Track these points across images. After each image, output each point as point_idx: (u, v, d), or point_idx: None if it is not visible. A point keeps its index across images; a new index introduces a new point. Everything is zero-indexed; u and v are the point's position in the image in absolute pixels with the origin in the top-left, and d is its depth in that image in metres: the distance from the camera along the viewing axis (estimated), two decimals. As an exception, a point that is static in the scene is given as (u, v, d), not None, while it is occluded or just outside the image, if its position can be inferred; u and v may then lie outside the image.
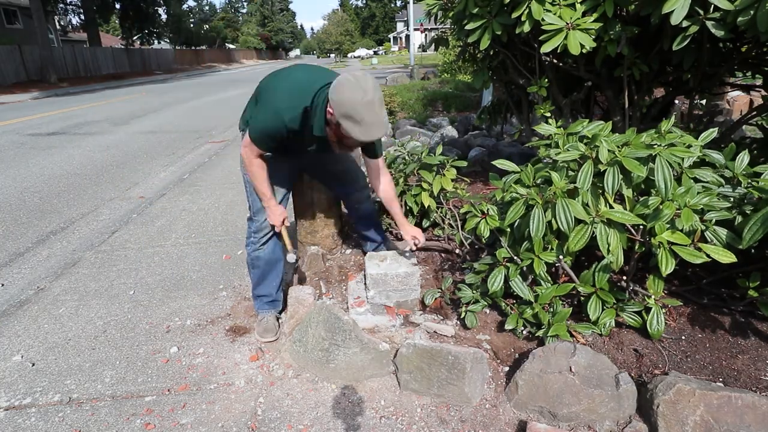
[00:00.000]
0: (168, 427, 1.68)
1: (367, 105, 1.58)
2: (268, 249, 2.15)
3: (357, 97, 1.57)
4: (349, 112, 1.58)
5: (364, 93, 1.57)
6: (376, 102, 1.61)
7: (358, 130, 1.62)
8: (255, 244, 2.14)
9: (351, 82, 1.59)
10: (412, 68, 16.26)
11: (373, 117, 1.60)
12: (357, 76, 1.61)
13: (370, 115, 1.59)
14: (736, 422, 1.38)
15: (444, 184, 2.64)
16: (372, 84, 1.62)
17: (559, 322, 1.78)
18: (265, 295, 2.22)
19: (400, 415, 1.67)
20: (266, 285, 2.21)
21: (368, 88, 1.59)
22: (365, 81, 1.60)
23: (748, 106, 5.64)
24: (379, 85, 1.68)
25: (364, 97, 1.57)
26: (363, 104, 1.57)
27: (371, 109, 1.59)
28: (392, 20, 72.62)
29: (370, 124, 1.61)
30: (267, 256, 2.15)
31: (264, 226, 2.10)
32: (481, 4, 2.44)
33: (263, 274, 2.19)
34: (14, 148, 6.56)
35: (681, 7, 1.74)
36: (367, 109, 1.58)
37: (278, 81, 1.85)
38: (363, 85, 1.58)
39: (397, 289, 2.13)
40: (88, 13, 25.97)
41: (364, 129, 1.61)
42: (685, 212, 1.51)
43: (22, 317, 2.43)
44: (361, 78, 1.61)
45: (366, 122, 1.60)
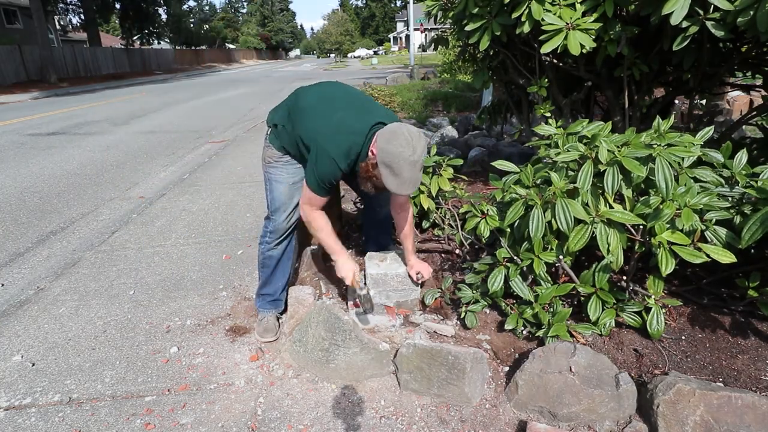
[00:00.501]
0: (168, 427, 1.68)
1: (412, 164, 1.62)
2: (281, 249, 2.15)
3: (406, 153, 1.60)
4: (392, 164, 1.62)
5: (413, 151, 1.61)
6: (420, 162, 1.65)
7: (394, 181, 1.65)
8: (269, 243, 2.13)
9: (404, 137, 1.62)
10: (412, 68, 16.27)
11: (411, 175, 1.65)
12: (412, 133, 1.65)
13: (409, 173, 1.63)
14: (736, 422, 1.38)
15: (441, 184, 2.63)
16: (423, 145, 1.65)
17: (559, 322, 1.78)
18: (270, 294, 2.23)
19: (400, 415, 1.67)
20: (273, 285, 2.22)
21: (418, 147, 1.63)
22: (418, 140, 1.64)
23: (748, 106, 5.64)
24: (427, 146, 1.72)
25: (411, 156, 1.61)
26: (408, 162, 1.61)
27: (413, 168, 1.63)
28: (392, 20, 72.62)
29: (406, 181, 1.65)
30: (279, 255, 2.16)
31: (281, 227, 2.08)
32: (481, 4, 2.44)
33: (272, 274, 2.19)
34: (14, 148, 6.56)
35: (681, 8, 1.74)
36: (410, 167, 1.62)
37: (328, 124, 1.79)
38: (414, 144, 1.62)
39: (397, 289, 2.13)
40: (88, 13, 25.97)
41: (399, 183, 1.65)
42: (686, 212, 1.51)
43: (22, 317, 2.43)
44: (415, 135, 1.64)
45: (403, 178, 1.64)
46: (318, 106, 1.86)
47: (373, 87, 7.76)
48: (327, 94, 1.91)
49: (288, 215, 2.07)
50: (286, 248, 2.18)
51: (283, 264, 2.19)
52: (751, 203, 1.59)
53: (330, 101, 1.87)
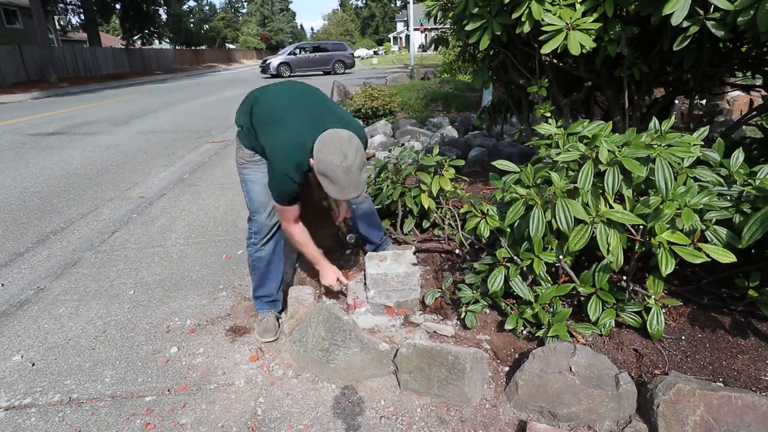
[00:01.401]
0: (168, 427, 1.68)
1: (345, 169, 1.65)
2: (269, 249, 2.13)
3: (336, 161, 1.64)
4: (326, 172, 1.67)
5: (344, 157, 1.65)
6: (355, 167, 1.67)
7: (333, 188, 1.71)
8: (256, 245, 2.12)
9: (334, 145, 1.66)
10: (412, 68, 16.26)
11: (348, 180, 1.68)
12: (342, 139, 1.67)
13: (345, 179, 1.68)
14: (736, 422, 1.38)
15: (443, 184, 2.64)
16: (355, 148, 1.68)
17: (559, 322, 1.78)
18: (266, 295, 2.22)
19: (400, 415, 1.67)
20: (267, 286, 2.20)
21: (350, 152, 1.66)
22: (348, 145, 1.67)
23: (748, 106, 5.64)
24: (362, 147, 1.74)
25: (343, 162, 1.65)
26: (341, 168, 1.65)
27: (348, 173, 1.67)
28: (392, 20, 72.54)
29: (344, 186, 1.70)
30: (268, 256, 2.14)
31: (264, 226, 2.08)
32: (481, 4, 2.44)
33: (264, 275, 2.18)
34: (14, 148, 6.56)
35: (681, 8, 1.74)
36: (344, 172, 1.66)
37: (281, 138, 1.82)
38: (345, 150, 1.65)
39: (397, 289, 2.13)
40: (88, 13, 25.97)
41: (338, 189, 1.71)
42: (686, 212, 1.51)
43: (22, 317, 2.43)
44: (345, 141, 1.67)
45: (341, 184, 1.69)
46: (274, 117, 1.87)
47: (373, 87, 7.73)
48: (286, 102, 1.91)
49: (269, 213, 2.07)
50: (275, 247, 2.16)
51: (274, 263, 2.18)
52: (750, 201, 1.59)
53: (286, 111, 1.87)
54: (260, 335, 2.12)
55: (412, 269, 2.13)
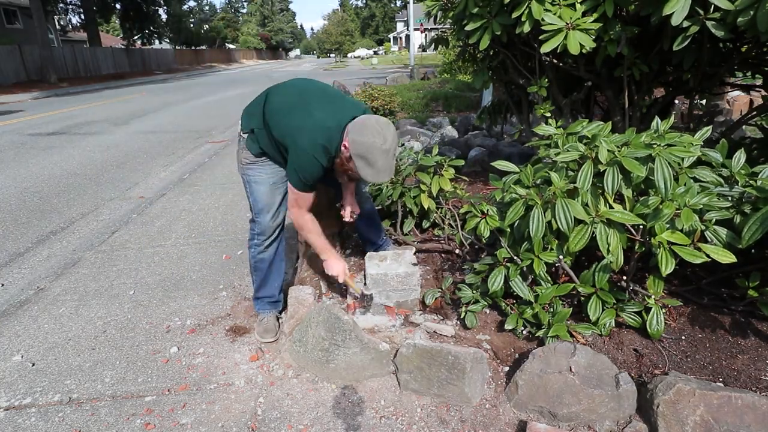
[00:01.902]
0: (168, 427, 1.68)
1: (384, 153, 1.67)
2: (272, 250, 2.13)
3: (377, 143, 1.66)
4: (366, 155, 1.67)
5: (384, 140, 1.66)
6: (392, 151, 1.70)
7: (369, 172, 1.71)
8: (258, 246, 2.11)
9: (374, 128, 1.68)
10: (412, 68, 16.27)
11: (385, 164, 1.70)
12: (381, 123, 1.70)
13: (383, 162, 1.69)
14: (736, 422, 1.38)
15: (442, 184, 2.64)
16: (393, 133, 1.71)
17: (559, 322, 1.78)
18: (268, 296, 2.21)
19: (400, 415, 1.67)
20: (269, 287, 2.20)
21: (389, 136, 1.68)
22: (387, 129, 1.69)
23: (748, 106, 5.64)
24: (397, 135, 1.76)
25: (383, 145, 1.66)
26: (381, 151, 1.66)
27: (386, 157, 1.69)
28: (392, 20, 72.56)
29: (381, 170, 1.71)
30: (270, 257, 2.14)
31: (268, 228, 2.07)
32: (481, 4, 2.44)
33: (267, 276, 2.18)
34: (14, 148, 6.57)
35: (681, 8, 1.74)
36: (383, 156, 1.67)
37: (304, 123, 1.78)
38: (384, 133, 1.67)
39: (397, 289, 2.13)
40: (88, 13, 25.97)
41: (374, 172, 1.71)
42: (685, 212, 1.51)
43: (22, 317, 2.43)
44: (384, 125, 1.70)
45: (378, 167, 1.69)
46: (291, 105, 1.85)
47: (373, 87, 7.74)
48: (298, 92, 1.90)
49: (273, 215, 2.06)
50: (278, 248, 2.16)
51: (276, 265, 2.18)
52: (750, 202, 1.59)
53: (302, 99, 1.86)
54: (260, 335, 2.12)
55: (412, 269, 2.13)
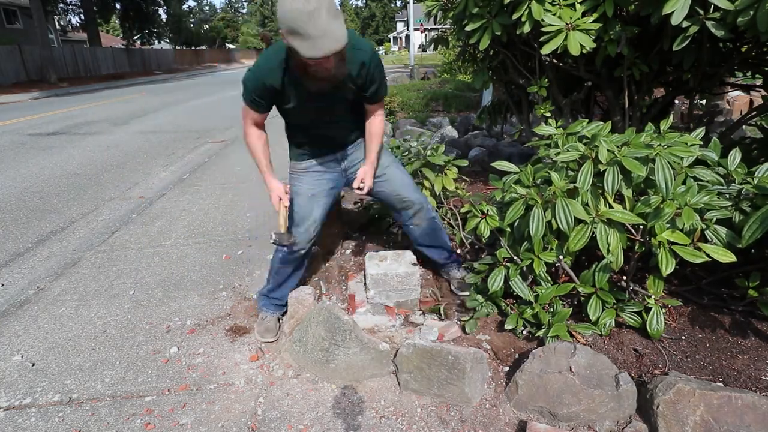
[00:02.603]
0: (168, 427, 1.67)
1: (309, 15, 1.38)
2: (298, 261, 2.14)
3: (297, 6, 1.38)
4: (292, 26, 1.42)
5: (306, 1, 1.38)
6: (323, 11, 1.40)
7: (306, 45, 1.44)
8: (287, 254, 2.09)
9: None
10: (412, 68, 16.26)
11: (318, 29, 1.41)
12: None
13: (314, 27, 1.40)
14: (736, 422, 1.38)
15: (446, 183, 2.64)
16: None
17: (559, 322, 1.78)
18: (278, 298, 2.21)
19: (400, 415, 1.67)
20: (282, 291, 2.20)
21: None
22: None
23: (748, 106, 5.64)
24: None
25: (305, 6, 1.38)
26: (305, 14, 1.38)
27: (316, 20, 1.39)
28: (392, 20, 72.54)
29: (316, 38, 1.42)
30: (294, 265, 2.14)
31: (301, 240, 2.03)
32: (481, 4, 2.44)
33: (284, 281, 2.18)
34: (14, 148, 6.56)
35: (681, 8, 1.74)
36: (310, 19, 1.39)
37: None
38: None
39: (397, 289, 2.13)
40: (88, 13, 25.95)
41: (311, 44, 1.43)
42: (686, 211, 1.51)
43: (22, 317, 2.43)
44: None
45: (311, 35, 1.41)
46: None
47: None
48: None
49: (307, 228, 2.03)
50: (303, 259, 2.15)
51: (296, 273, 2.18)
52: (749, 199, 1.59)
53: None
54: (261, 335, 2.12)
55: (412, 269, 2.13)
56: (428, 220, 2.21)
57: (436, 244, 2.28)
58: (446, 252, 2.31)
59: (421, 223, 2.20)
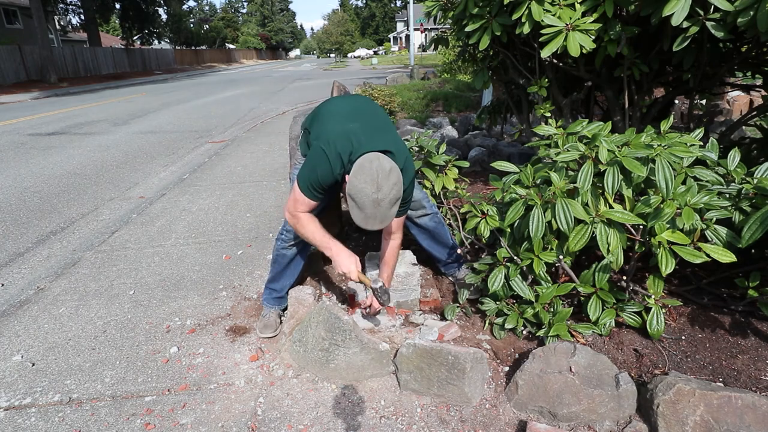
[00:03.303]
0: (168, 427, 1.68)
1: (374, 202, 1.57)
2: (295, 249, 2.17)
3: (368, 191, 1.56)
4: (355, 198, 1.59)
5: (376, 189, 1.56)
6: (386, 201, 1.58)
7: (358, 215, 1.63)
8: (285, 241, 2.15)
9: (370, 174, 1.56)
10: (412, 68, 16.26)
11: (375, 212, 1.59)
12: (380, 170, 1.56)
13: (372, 211, 1.59)
14: (736, 422, 1.38)
15: (446, 183, 2.65)
16: (392, 183, 1.57)
17: (559, 322, 1.78)
18: (276, 290, 2.25)
19: (400, 415, 1.67)
20: (280, 282, 2.24)
21: (384, 186, 1.56)
22: (386, 178, 1.56)
23: (748, 106, 5.65)
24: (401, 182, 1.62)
25: (374, 194, 1.56)
26: (371, 200, 1.57)
27: (377, 206, 1.58)
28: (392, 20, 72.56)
29: (369, 217, 1.61)
30: (292, 256, 2.18)
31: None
32: (480, 4, 2.44)
33: (282, 271, 2.22)
34: (14, 148, 6.57)
35: (681, 9, 1.74)
36: (373, 204, 1.57)
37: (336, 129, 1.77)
38: (380, 181, 1.56)
39: (397, 289, 2.13)
40: (88, 13, 25.96)
41: (363, 217, 1.62)
42: (686, 211, 1.51)
43: (22, 317, 2.43)
44: (384, 173, 1.56)
45: (366, 213, 1.60)
46: (337, 113, 1.85)
47: (373, 87, 7.73)
48: (351, 105, 1.90)
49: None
50: (300, 250, 2.18)
51: (294, 264, 2.21)
52: (748, 199, 1.59)
53: (350, 112, 1.84)
54: (260, 330, 2.13)
55: (412, 269, 2.13)
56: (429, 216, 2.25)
57: (441, 241, 2.30)
58: (449, 250, 2.32)
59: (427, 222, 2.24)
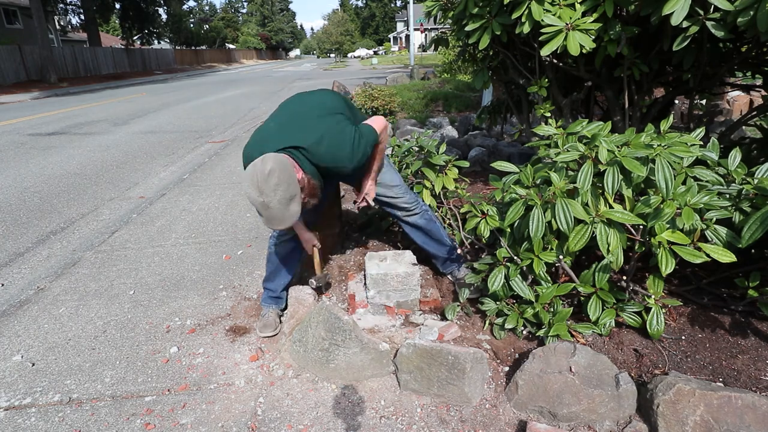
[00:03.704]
0: (168, 427, 1.68)
1: (262, 205, 1.60)
2: (287, 248, 2.19)
3: (253, 195, 1.60)
4: (252, 202, 1.63)
5: (259, 193, 1.57)
6: (274, 203, 1.59)
7: (262, 218, 1.68)
8: (276, 238, 2.19)
9: (252, 178, 1.58)
10: (412, 68, 16.26)
11: (270, 214, 1.63)
12: (258, 173, 1.56)
13: (267, 213, 1.63)
14: (736, 422, 1.38)
15: (446, 183, 2.65)
16: (273, 184, 1.56)
17: (559, 322, 1.78)
18: (271, 289, 2.26)
19: (400, 415, 1.67)
20: (274, 281, 2.25)
21: (266, 188, 1.56)
22: (265, 181, 1.56)
23: (748, 106, 5.65)
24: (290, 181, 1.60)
25: (259, 197, 1.59)
26: (258, 203, 1.61)
27: (266, 209, 1.61)
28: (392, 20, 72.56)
29: (268, 219, 1.66)
30: (284, 253, 2.20)
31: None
32: (480, 4, 2.44)
33: (275, 270, 2.23)
34: (14, 148, 6.57)
35: (681, 8, 1.73)
36: (262, 207, 1.61)
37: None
38: (260, 186, 1.56)
39: (397, 289, 2.13)
40: (88, 13, 25.96)
41: (266, 219, 1.66)
42: (686, 211, 1.51)
43: (22, 317, 2.43)
44: (261, 176, 1.56)
45: (265, 216, 1.65)
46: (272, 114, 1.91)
47: (373, 87, 7.73)
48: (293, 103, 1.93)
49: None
50: (292, 249, 2.20)
51: (288, 263, 2.22)
52: (749, 199, 1.59)
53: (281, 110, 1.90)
54: (260, 330, 2.14)
55: (412, 269, 2.13)
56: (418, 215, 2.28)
57: (434, 238, 2.32)
58: (446, 247, 2.33)
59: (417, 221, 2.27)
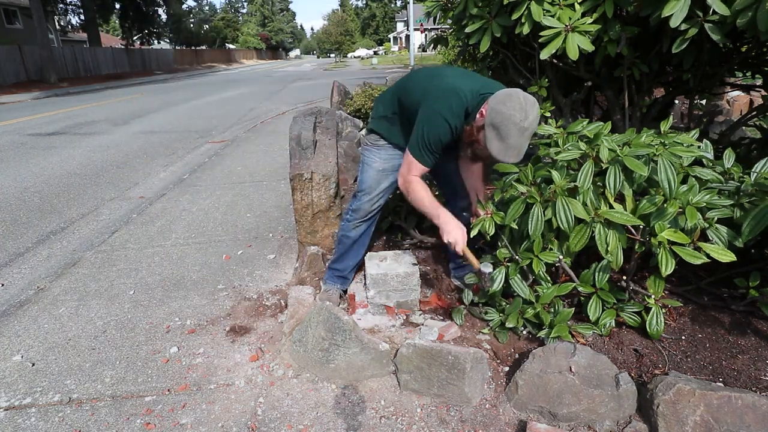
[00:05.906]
0: (168, 427, 1.68)
1: (520, 130, 1.56)
2: (360, 230, 2.20)
3: (516, 117, 1.55)
4: (500, 126, 1.57)
5: (524, 117, 1.55)
6: (529, 132, 1.58)
7: (497, 145, 1.60)
8: (350, 221, 2.19)
9: (519, 102, 1.57)
10: (412, 68, 16.26)
11: (517, 142, 1.58)
12: (527, 100, 1.58)
13: (516, 140, 1.58)
14: (736, 422, 1.38)
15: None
16: (535, 115, 1.58)
17: (561, 323, 1.78)
18: (338, 269, 2.29)
19: (400, 415, 1.67)
20: (344, 262, 2.28)
21: (530, 114, 1.56)
22: (532, 108, 1.57)
23: (748, 106, 5.64)
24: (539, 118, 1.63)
25: (522, 121, 1.55)
26: (518, 127, 1.56)
27: (520, 135, 1.57)
28: (392, 20, 72.52)
29: (510, 146, 1.59)
30: (356, 236, 2.21)
31: (363, 208, 2.13)
32: (480, 5, 2.44)
33: (346, 252, 2.25)
34: (14, 148, 6.57)
35: (680, 10, 1.74)
36: (518, 133, 1.56)
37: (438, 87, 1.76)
38: (527, 109, 1.56)
39: (397, 289, 2.13)
40: (88, 13, 25.96)
41: (503, 148, 1.60)
42: (689, 210, 1.51)
43: (22, 317, 2.43)
44: (530, 103, 1.58)
45: (509, 143, 1.59)
46: (426, 78, 1.85)
47: (373, 87, 7.73)
48: (434, 70, 1.90)
49: (371, 199, 2.11)
50: (365, 231, 2.22)
51: (358, 245, 2.24)
52: (748, 195, 1.59)
53: (438, 73, 1.84)
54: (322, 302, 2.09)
55: (412, 269, 2.13)
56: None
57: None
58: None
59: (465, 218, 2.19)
